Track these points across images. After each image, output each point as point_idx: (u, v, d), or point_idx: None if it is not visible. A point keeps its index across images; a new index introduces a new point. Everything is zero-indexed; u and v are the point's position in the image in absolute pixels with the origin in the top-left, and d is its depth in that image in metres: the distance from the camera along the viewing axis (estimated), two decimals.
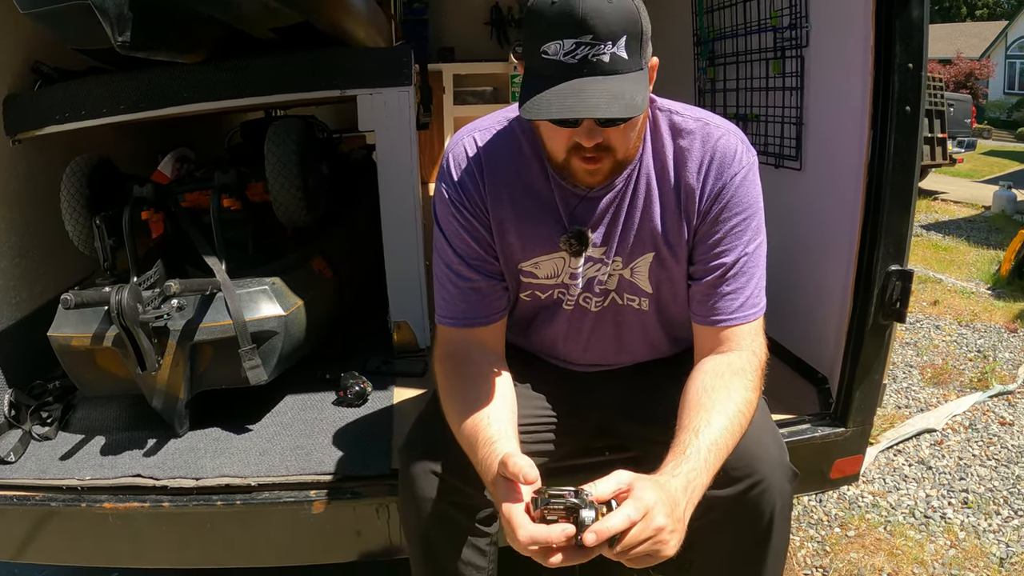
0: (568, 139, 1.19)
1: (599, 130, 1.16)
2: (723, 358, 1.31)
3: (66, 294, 1.73)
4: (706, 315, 1.34)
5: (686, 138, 1.31)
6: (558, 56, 1.09)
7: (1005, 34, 25.65)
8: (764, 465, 1.28)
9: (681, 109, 1.33)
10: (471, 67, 5.77)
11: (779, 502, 1.30)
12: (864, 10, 1.70)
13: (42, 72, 2.18)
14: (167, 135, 2.92)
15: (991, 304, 4.81)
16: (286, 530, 1.74)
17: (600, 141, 1.18)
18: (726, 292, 1.31)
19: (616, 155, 1.22)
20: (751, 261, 1.32)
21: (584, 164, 1.22)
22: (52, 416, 2.02)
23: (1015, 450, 2.86)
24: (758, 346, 1.33)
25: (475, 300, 1.38)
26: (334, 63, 2.17)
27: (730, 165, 1.29)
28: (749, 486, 1.27)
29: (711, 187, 1.30)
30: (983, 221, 8.19)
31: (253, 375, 1.82)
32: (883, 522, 2.40)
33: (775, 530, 1.31)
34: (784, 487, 1.31)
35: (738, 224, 1.31)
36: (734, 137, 1.32)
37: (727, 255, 1.31)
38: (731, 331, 1.32)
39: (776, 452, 1.33)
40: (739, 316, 1.32)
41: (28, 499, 1.73)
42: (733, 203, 1.30)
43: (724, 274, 1.31)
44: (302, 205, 2.09)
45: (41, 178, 2.25)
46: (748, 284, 1.32)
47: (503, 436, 1.20)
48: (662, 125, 1.32)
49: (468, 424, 1.24)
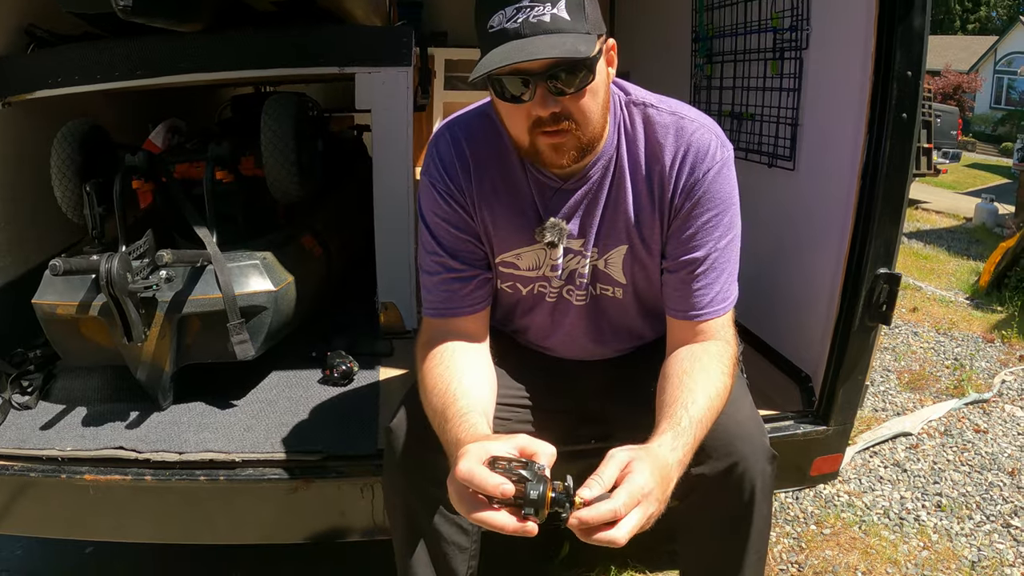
0: (527, 116, 1.18)
1: (554, 99, 1.15)
2: (700, 346, 1.33)
3: (54, 260, 1.70)
4: (680, 309, 1.35)
5: (660, 131, 1.31)
6: (502, 25, 1.11)
7: (995, 49, 25.93)
8: (744, 445, 1.31)
9: (656, 102, 1.33)
10: (464, 53, 5.73)
11: (759, 482, 1.32)
12: (866, 16, 1.72)
13: (36, 35, 2.15)
14: (156, 105, 2.88)
15: (969, 314, 4.88)
16: (269, 508, 1.73)
17: (557, 110, 1.16)
18: (698, 287, 1.33)
19: (580, 131, 1.20)
20: (723, 256, 1.33)
21: (548, 139, 1.20)
22: (33, 385, 2.00)
23: (988, 457, 2.91)
24: (730, 336, 1.36)
25: (458, 289, 1.38)
26: (335, 40, 2.15)
27: (703, 160, 1.29)
28: (729, 465, 1.29)
29: (684, 182, 1.30)
30: (964, 232, 8.31)
31: (240, 350, 1.81)
32: (858, 521, 2.43)
33: (756, 509, 1.33)
34: (764, 467, 1.33)
35: (710, 220, 1.31)
36: (708, 132, 1.31)
37: (699, 250, 1.32)
38: (704, 324, 1.34)
39: (756, 433, 1.35)
40: (710, 311, 1.33)
41: (6, 468, 1.71)
42: (706, 199, 1.30)
43: (695, 269, 1.32)
44: (296, 179, 2.08)
45: (29, 143, 2.22)
46: (719, 279, 1.33)
47: (472, 410, 1.19)
48: (637, 118, 1.32)
49: (437, 401, 1.24)
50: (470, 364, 1.32)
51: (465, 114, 1.39)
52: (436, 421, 1.23)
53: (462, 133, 1.36)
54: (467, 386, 1.26)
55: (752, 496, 1.32)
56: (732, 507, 1.33)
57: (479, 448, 1.02)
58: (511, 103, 1.18)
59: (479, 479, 0.97)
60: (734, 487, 1.31)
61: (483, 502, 0.98)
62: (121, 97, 2.54)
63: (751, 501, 1.32)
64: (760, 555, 1.39)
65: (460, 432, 1.15)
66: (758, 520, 1.35)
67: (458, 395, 1.23)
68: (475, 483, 0.97)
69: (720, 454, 1.29)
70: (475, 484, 0.97)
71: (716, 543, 1.38)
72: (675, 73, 2.95)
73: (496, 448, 1.02)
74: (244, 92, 3.13)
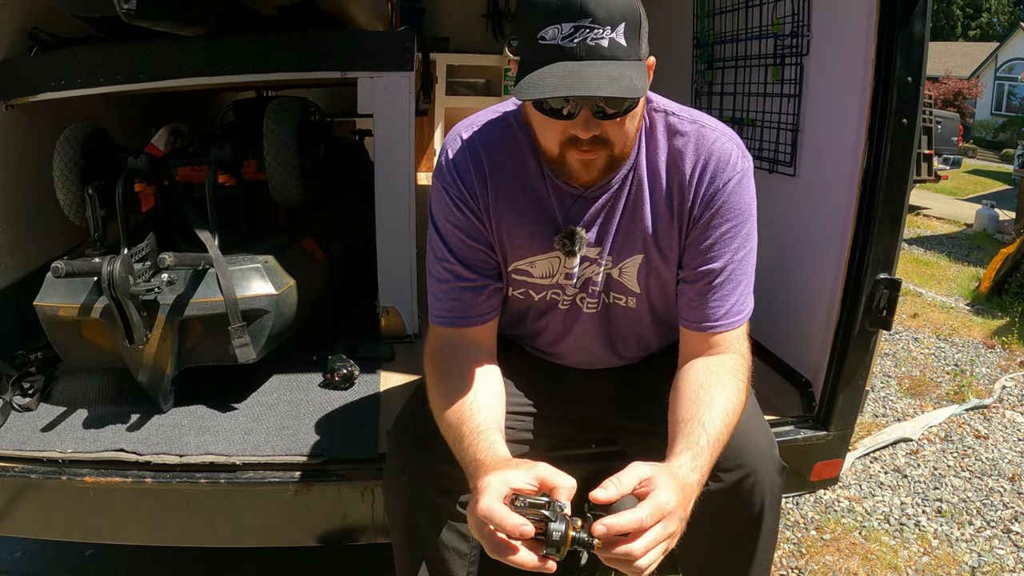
0: (563, 132, 1.16)
1: (596, 122, 1.14)
2: (714, 359, 1.31)
3: (57, 262, 1.70)
4: (694, 320, 1.33)
5: (681, 140, 1.29)
6: (556, 40, 1.07)
7: (995, 55, 25.95)
8: (755, 457, 1.30)
9: (678, 110, 1.32)
10: (465, 58, 5.74)
11: (769, 494, 1.31)
12: (867, 22, 1.72)
13: (39, 38, 2.15)
14: (158, 109, 2.89)
15: (970, 320, 4.88)
16: (270, 511, 1.73)
17: (597, 134, 1.15)
18: (714, 298, 1.31)
19: (612, 150, 1.19)
20: (740, 268, 1.31)
21: (580, 155, 1.18)
22: (34, 387, 2.00)
23: (989, 463, 2.91)
24: (744, 349, 1.34)
25: (469, 299, 1.35)
26: (337, 44, 2.16)
27: (724, 170, 1.28)
28: (741, 478, 1.29)
29: (704, 192, 1.28)
30: (965, 238, 8.31)
31: (242, 353, 1.81)
32: (858, 527, 2.43)
33: (765, 521, 1.33)
34: (774, 479, 1.33)
35: (729, 231, 1.29)
36: (730, 141, 1.30)
37: (716, 261, 1.30)
38: (719, 336, 1.32)
39: (766, 445, 1.34)
40: (725, 323, 1.32)
41: (7, 470, 1.71)
42: (725, 209, 1.28)
43: (712, 280, 1.30)
44: (298, 184, 2.08)
45: (31, 145, 2.22)
46: (735, 291, 1.32)
47: (489, 427, 1.19)
48: (658, 126, 1.30)
49: (452, 415, 1.22)
50: (483, 377, 1.30)
51: (482, 118, 1.36)
52: (451, 436, 1.22)
53: (478, 137, 1.33)
54: (482, 401, 1.25)
55: (761, 508, 1.32)
56: (741, 518, 1.32)
57: (499, 483, 1.01)
58: (550, 116, 1.15)
59: (498, 518, 0.97)
60: (744, 499, 1.30)
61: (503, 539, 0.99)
62: (124, 100, 2.55)
63: (760, 513, 1.32)
64: (765, 567, 1.39)
65: (479, 452, 1.14)
66: (766, 531, 1.35)
67: (474, 410, 1.22)
68: (495, 522, 0.98)
69: (731, 466, 1.28)
70: (495, 523, 0.98)
71: (722, 553, 1.37)
72: (676, 79, 2.96)
73: (516, 479, 1.02)
74: (246, 96, 3.14)
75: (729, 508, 1.30)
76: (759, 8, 2.33)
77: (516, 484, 1.01)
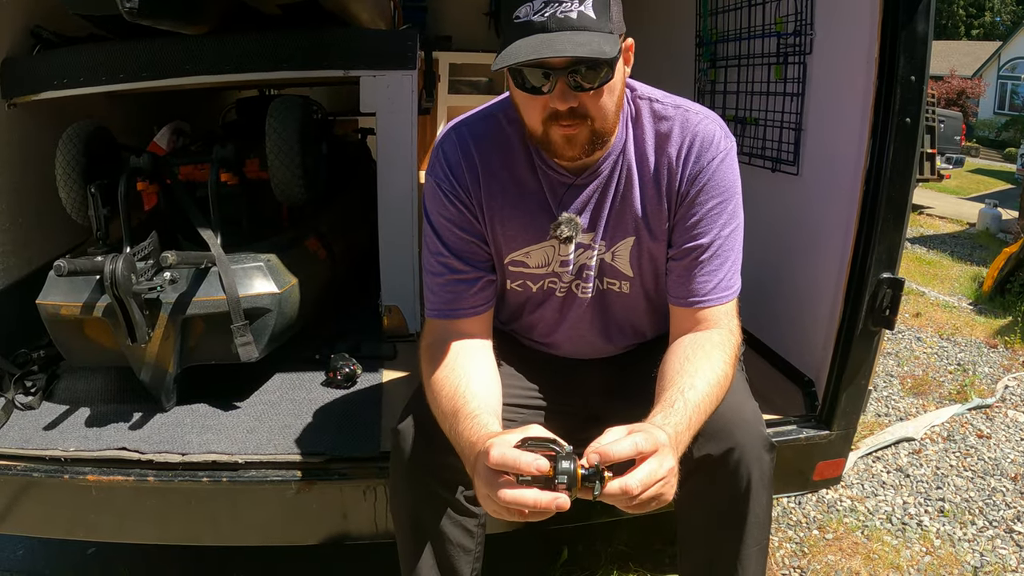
0: (544, 107, 1.20)
1: (573, 94, 1.18)
2: (702, 334, 1.34)
3: (59, 261, 1.70)
4: (682, 296, 1.37)
5: (666, 124, 1.34)
6: (528, 16, 1.13)
7: (999, 55, 25.89)
8: (740, 432, 1.30)
9: (661, 97, 1.37)
10: (468, 57, 5.74)
11: (756, 469, 1.31)
12: (870, 21, 1.72)
13: (42, 37, 2.15)
14: (160, 108, 2.89)
15: (972, 319, 4.87)
16: (272, 509, 1.73)
17: (575, 106, 1.19)
18: (701, 274, 1.35)
19: (593, 124, 1.23)
20: (726, 244, 1.35)
21: (562, 130, 1.22)
22: (36, 385, 2.01)
23: (991, 462, 2.90)
24: (734, 326, 1.37)
25: (463, 291, 1.39)
26: (340, 43, 2.16)
27: (708, 149, 1.33)
28: (725, 451, 1.29)
29: (690, 170, 1.33)
30: (967, 238, 8.30)
31: (244, 352, 1.81)
32: (860, 526, 2.43)
33: (753, 497, 1.32)
34: (761, 455, 1.32)
35: (715, 207, 1.34)
36: (713, 123, 1.35)
37: (703, 236, 1.34)
38: (707, 311, 1.35)
39: (753, 420, 1.35)
40: (713, 297, 1.35)
41: (9, 468, 1.71)
42: (711, 186, 1.33)
43: (699, 256, 1.34)
44: (300, 182, 2.08)
45: (34, 144, 2.22)
46: (723, 267, 1.35)
47: (483, 412, 1.21)
48: (644, 112, 1.36)
49: (447, 404, 1.25)
50: (477, 366, 1.33)
51: (472, 115, 1.41)
52: (446, 423, 1.24)
53: (469, 134, 1.38)
54: (476, 388, 1.27)
55: (749, 484, 1.32)
56: (730, 494, 1.33)
57: (501, 440, 1.05)
58: (530, 94, 1.20)
59: (512, 458, 1.01)
60: (731, 474, 1.31)
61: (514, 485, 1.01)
62: (126, 99, 2.55)
63: (748, 489, 1.32)
64: (761, 547, 1.38)
65: (474, 434, 1.16)
66: (756, 508, 1.34)
67: (468, 397, 1.25)
68: (508, 463, 1.01)
69: (716, 441, 1.29)
70: (509, 464, 1.01)
71: (714, 531, 1.37)
72: (679, 77, 2.95)
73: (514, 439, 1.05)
74: (249, 95, 3.14)
75: (717, 484, 1.31)
76: (762, 7, 2.32)
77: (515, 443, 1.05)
